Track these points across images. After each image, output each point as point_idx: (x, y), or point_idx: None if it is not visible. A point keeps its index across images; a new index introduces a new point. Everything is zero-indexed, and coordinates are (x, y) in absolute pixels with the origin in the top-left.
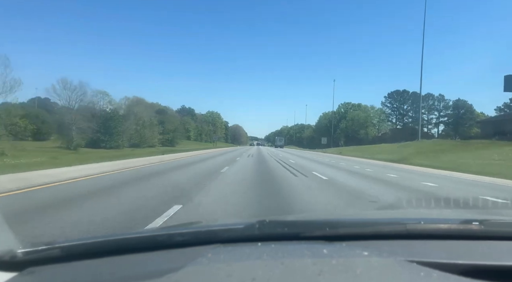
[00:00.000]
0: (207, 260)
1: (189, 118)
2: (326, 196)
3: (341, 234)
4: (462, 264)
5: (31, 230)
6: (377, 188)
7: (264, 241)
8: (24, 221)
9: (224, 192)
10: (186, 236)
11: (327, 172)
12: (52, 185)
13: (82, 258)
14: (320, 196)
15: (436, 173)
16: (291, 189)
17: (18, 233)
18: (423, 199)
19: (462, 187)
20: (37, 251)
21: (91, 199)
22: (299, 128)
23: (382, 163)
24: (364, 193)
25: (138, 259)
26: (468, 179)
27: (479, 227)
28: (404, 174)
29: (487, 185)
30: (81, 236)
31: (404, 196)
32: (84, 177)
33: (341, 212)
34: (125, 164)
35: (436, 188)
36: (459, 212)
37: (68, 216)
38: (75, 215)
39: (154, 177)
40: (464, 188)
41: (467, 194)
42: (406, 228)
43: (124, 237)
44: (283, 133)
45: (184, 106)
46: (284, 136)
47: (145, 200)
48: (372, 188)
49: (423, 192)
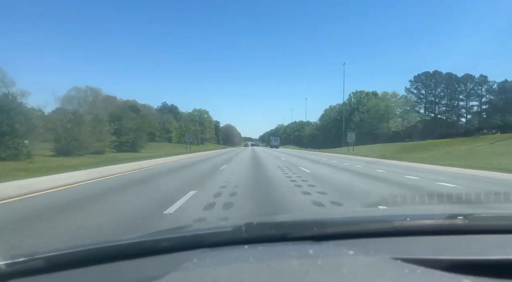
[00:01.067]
0: (193, 265)
1: (170, 116)
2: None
3: (328, 233)
4: (446, 259)
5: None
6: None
7: (251, 244)
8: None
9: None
10: (172, 241)
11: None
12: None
13: (65, 268)
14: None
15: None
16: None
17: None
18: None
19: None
20: (18, 263)
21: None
22: (297, 126)
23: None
24: None
25: (123, 267)
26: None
27: (463, 221)
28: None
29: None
30: (63, 246)
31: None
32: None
33: (329, 211)
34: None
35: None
36: (448, 207)
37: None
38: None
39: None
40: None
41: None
42: (392, 225)
43: (108, 245)
44: (278, 133)
45: (166, 104)
46: (280, 136)
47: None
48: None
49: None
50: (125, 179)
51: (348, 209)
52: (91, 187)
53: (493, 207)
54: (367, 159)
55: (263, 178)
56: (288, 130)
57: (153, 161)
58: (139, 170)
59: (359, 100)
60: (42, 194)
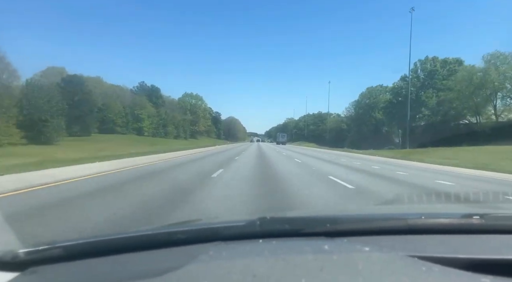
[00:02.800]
0: (208, 257)
1: (144, 99)
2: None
3: (342, 230)
4: (463, 258)
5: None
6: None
7: (265, 238)
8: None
9: None
10: (187, 234)
11: None
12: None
13: (83, 258)
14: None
15: None
16: None
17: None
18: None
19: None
20: (38, 251)
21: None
22: (314, 119)
23: None
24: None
25: (140, 258)
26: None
27: (479, 221)
28: None
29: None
30: (83, 236)
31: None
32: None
33: (342, 207)
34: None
35: None
36: (460, 206)
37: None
38: None
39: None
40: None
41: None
42: (407, 223)
43: (125, 236)
44: (289, 128)
45: (144, 84)
46: (289, 131)
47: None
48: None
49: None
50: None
51: (362, 207)
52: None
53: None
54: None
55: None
56: (300, 124)
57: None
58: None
59: (431, 73)
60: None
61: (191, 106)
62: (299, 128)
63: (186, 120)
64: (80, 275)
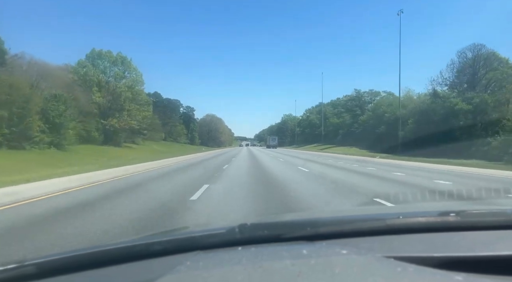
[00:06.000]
0: (186, 268)
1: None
2: None
3: (322, 233)
4: (438, 256)
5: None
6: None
7: (245, 245)
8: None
9: None
10: (165, 244)
11: None
12: None
13: (57, 274)
14: None
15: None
16: None
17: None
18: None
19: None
20: (7, 270)
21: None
22: (345, 104)
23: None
24: None
25: (116, 271)
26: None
27: (456, 218)
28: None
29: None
30: (55, 252)
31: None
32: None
33: (323, 210)
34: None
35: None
36: (440, 204)
37: None
38: None
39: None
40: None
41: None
42: (385, 223)
43: (99, 249)
44: (288, 127)
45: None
46: (288, 132)
47: None
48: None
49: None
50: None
51: (342, 208)
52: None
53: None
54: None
55: None
56: (311, 118)
57: None
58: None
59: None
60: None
61: (115, 75)
62: (308, 126)
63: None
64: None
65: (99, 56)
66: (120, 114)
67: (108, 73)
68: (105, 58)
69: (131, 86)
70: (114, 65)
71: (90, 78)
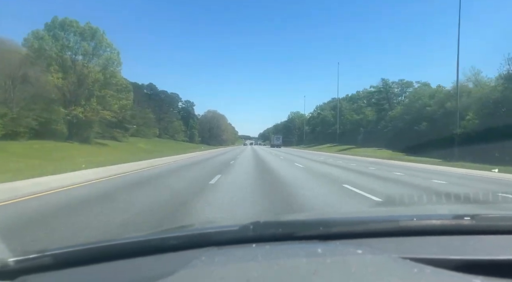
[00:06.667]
0: (201, 263)
1: None
2: None
3: (335, 232)
4: (455, 259)
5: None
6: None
7: (259, 242)
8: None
9: None
10: (180, 239)
11: None
12: None
13: (75, 265)
14: None
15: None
16: None
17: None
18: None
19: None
20: (28, 259)
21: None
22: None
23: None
24: None
25: (132, 264)
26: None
27: (470, 221)
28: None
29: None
30: (74, 243)
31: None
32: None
33: (335, 210)
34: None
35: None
36: (453, 207)
37: None
38: None
39: None
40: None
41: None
42: (399, 225)
43: (116, 242)
44: (295, 125)
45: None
46: (295, 131)
47: None
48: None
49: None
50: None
51: (355, 209)
52: None
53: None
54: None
55: None
56: (324, 114)
57: None
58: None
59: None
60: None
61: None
62: (319, 123)
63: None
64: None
65: (62, 26)
66: (87, 102)
67: (74, 49)
68: (70, 30)
69: (105, 66)
70: (83, 39)
71: (48, 53)
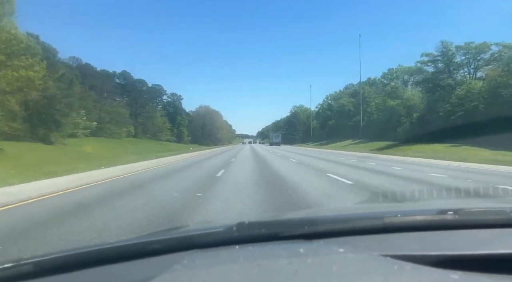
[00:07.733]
0: (182, 266)
1: None
2: None
3: (319, 231)
4: (435, 255)
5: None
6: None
7: (243, 244)
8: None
9: None
10: (162, 243)
11: None
12: None
13: (55, 273)
14: None
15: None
16: None
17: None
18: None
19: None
20: (5, 269)
21: None
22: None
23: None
24: None
25: (113, 270)
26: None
27: (453, 216)
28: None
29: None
30: (54, 250)
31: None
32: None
33: (320, 209)
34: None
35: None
36: (441, 202)
37: None
38: None
39: None
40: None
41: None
42: (383, 222)
43: (97, 248)
44: (293, 124)
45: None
46: (299, 126)
47: None
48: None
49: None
50: None
51: (340, 207)
52: None
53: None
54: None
55: None
56: (324, 114)
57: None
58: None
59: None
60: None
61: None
62: (323, 118)
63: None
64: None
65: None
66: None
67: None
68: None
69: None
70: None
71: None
